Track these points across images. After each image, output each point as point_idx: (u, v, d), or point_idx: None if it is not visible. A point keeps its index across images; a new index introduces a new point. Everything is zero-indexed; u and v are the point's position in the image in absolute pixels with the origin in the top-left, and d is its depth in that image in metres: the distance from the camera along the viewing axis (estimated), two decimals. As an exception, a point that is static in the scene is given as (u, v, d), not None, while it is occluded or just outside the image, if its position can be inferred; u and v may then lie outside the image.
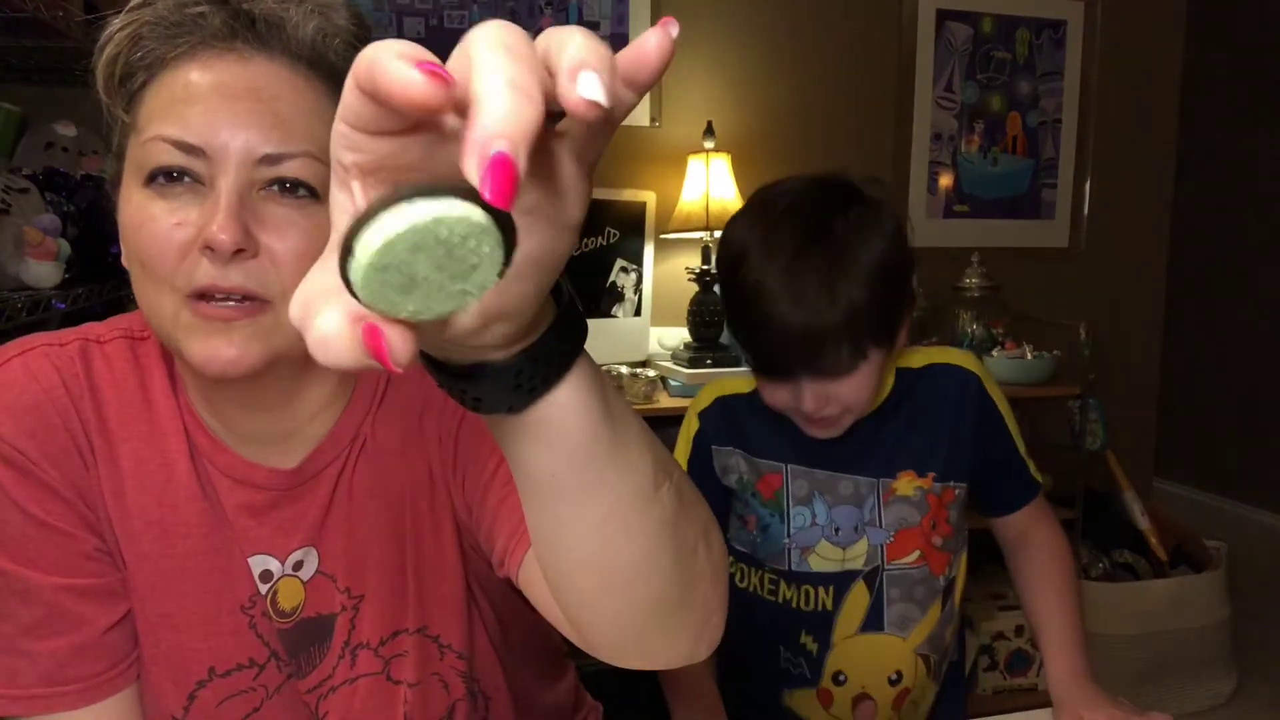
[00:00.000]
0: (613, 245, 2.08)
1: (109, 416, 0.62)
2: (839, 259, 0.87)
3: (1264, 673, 2.40)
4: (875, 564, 0.99)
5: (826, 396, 0.90)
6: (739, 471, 1.02)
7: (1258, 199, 3.43)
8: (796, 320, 0.86)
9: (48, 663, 0.61)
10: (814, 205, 0.91)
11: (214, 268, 0.54)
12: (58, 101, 1.71)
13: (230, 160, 0.54)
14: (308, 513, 0.66)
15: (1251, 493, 3.38)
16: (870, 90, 2.34)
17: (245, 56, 0.56)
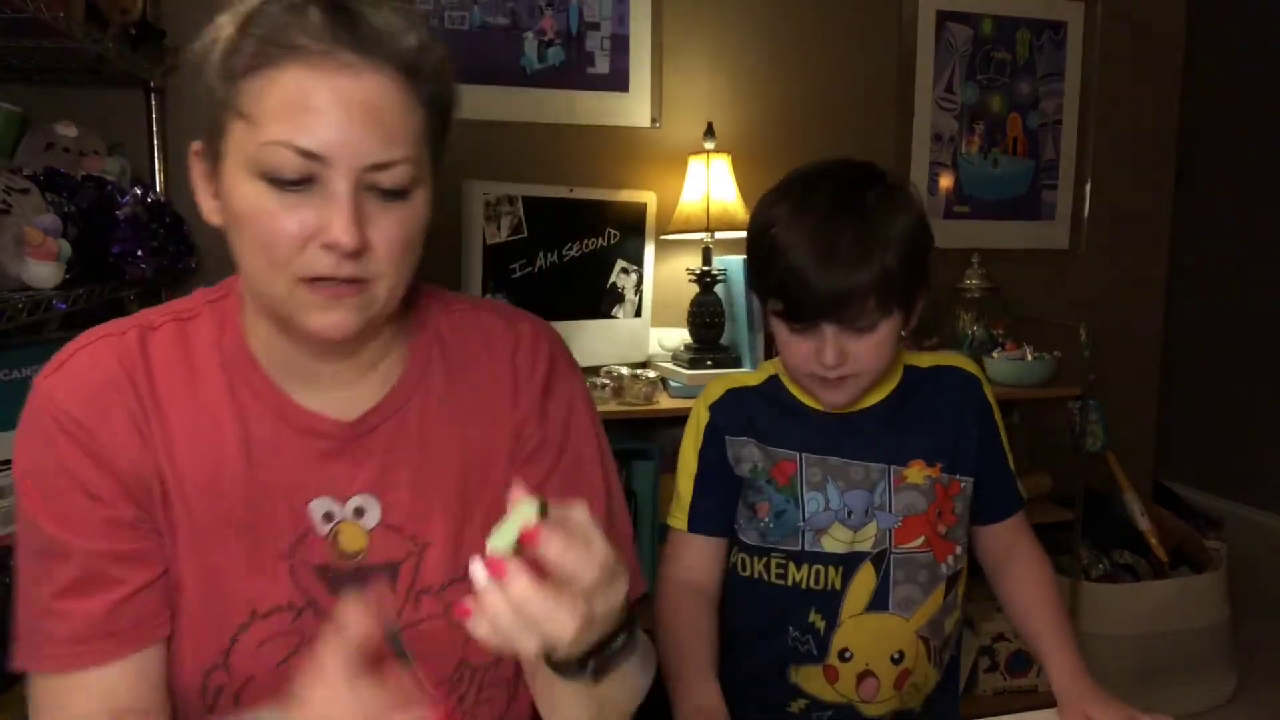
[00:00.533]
0: (613, 246, 2.08)
1: (161, 392, 0.70)
2: (870, 223, 0.94)
3: (1264, 673, 2.40)
4: (883, 547, 1.03)
5: (846, 352, 0.96)
6: (753, 460, 1.06)
7: (1258, 199, 3.43)
8: (829, 269, 0.93)
9: (81, 622, 0.66)
10: (845, 176, 1.00)
11: (330, 260, 0.63)
12: (58, 101, 1.71)
13: (345, 166, 0.62)
14: (367, 462, 0.73)
15: (1251, 493, 3.38)
16: (870, 91, 2.34)
17: (356, 70, 0.62)
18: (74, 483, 0.67)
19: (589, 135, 2.12)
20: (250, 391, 0.73)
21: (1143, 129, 2.60)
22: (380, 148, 0.63)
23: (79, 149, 1.58)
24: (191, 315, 0.74)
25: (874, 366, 0.99)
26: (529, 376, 0.80)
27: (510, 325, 0.82)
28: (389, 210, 0.65)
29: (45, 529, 0.67)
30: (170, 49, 1.77)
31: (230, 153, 0.65)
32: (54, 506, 0.67)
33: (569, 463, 0.81)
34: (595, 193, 2.06)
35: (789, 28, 2.26)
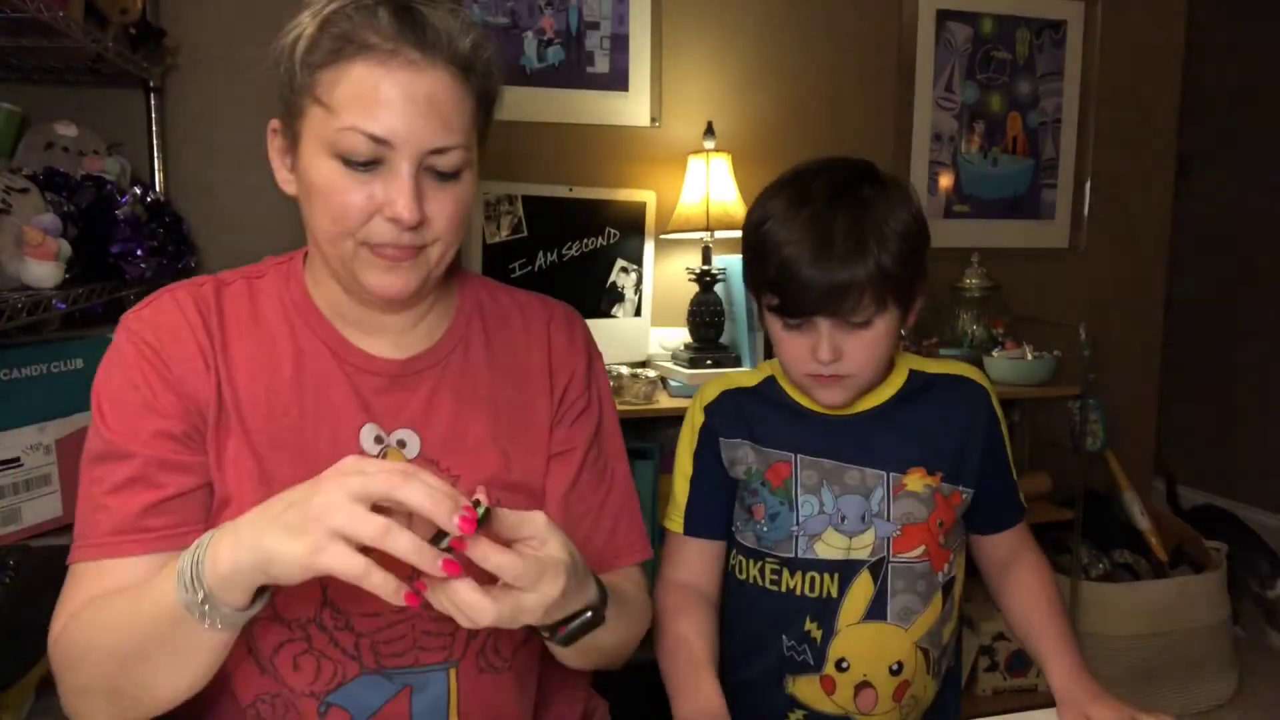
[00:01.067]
0: (613, 245, 2.08)
1: (229, 331, 0.82)
2: (866, 217, 0.94)
3: (1264, 673, 2.40)
4: (881, 555, 1.00)
5: (841, 348, 0.96)
6: (747, 462, 1.05)
7: (1258, 199, 3.43)
8: (824, 263, 0.93)
9: (122, 516, 0.75)
10: (841, 172, 1.00)
11: (392, 231, 0.75)
12: (58, 101, 1.71)
13: (409, 150, 0.73)
14: (411, 400, 0.84)
15: (1251, 493, 3.38)
16: (870, 90, 2.34)
17: (420, 66, 0.73)
18: (139, 397, 0.77)
19: (589, 135, 2.12)
20: (310, 332, 0.84)
21: (1142, 128, 2.60)
22: (438, 135, 0.74)
23: (79, 149, 1.58)
24: (260, 275, 0.88)
25: (870, 365, 0.98)
26: (567, 348, 0.92)
27: (544, 304, 0.95)
28: (443, 189, 0.77)
29: (107, 435, 0.76)
30: (170, 49, 1.77)
31: (307, 134, 0.76)
32: (118, 415, 0.77)
33: (607, 425, 0.94)
34: (595, 192, 2.06)
35: (789, 27, 2.26)
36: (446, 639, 0.82)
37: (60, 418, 1.20)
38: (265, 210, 1.91)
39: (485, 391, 0.87)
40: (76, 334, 1.32)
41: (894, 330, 0.98)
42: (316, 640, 0.80)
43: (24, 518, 1.15)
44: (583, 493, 0.90)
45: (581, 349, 0.94)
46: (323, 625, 0.79)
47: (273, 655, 0.79)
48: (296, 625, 0.79)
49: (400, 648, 0.81)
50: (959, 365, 1.11)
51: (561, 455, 0.90)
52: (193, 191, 1.86)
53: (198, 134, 1.86)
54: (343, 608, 0.79)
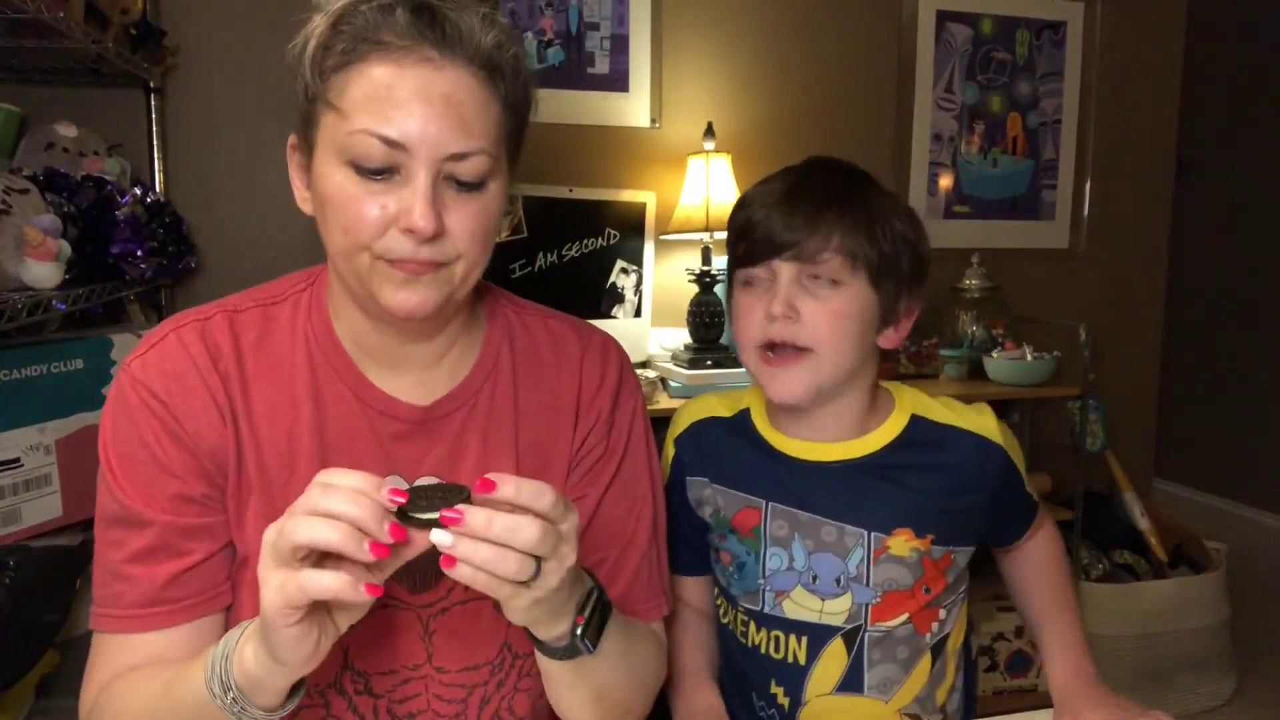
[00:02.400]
0: (613, 246, 2.08)
1: (247, 370, 0.75)
2: (854, 192, 0.90)
3: (1264, 673, 2.40)
4: (858, 623, 0.91)
5: (798, 307, 0.87)
6: (714, 505, 0.96)
7: (1258, 199, 3.43)
8: (793, 204, 0.87)
9: (147, 586, 0.71)
10: (840, 169, 0.95)
11: (409, 244, 0.68)
12: (58, 101, 1.71)
13: (425, 155, 0.66)
14: (435, 447, 0.78)
15: (1251, 493, 3.37)
16: (870, 91, 2.34)
17: (438, 64, 0.67)
18: (151, 457, 0.72)
19: (589, 135, 2.12)
20: (332, 372, 0.78)
21: (1143, 129, 2.60)
22: (458, 139, 0.67)
23: (79, 149, 1.58)
24: (277, 301, 0.80)
25: (831, 341, 0.87)
26: (596, 388, 0.85)
27: (580, 337, 0.87)
28: (465, 200, 0.70)
29: (122, 498, 0.72)
30: (170, 49, 1.77)
31: (321, 142, 0.69)
32: (131, 478, 0.72)
33: (627, 471, 0.85)
34: (595, 193, 2.06)
35: (789, 28, 2.26)
36: (459, 705, 0.80)
37: (60, 418, 1.20)
38: (265, 210, 1.91)
39: (510, 434, 0.81)
40: (76, 334, 1.32)
41: (864, 313, 0.88)
42: (335, 706, 0.77)
43: (24, 518, 1.15)
44: (598, 540, 0.84)
45: (611, 388, 0.85)
46: (343, 690, 0.77)
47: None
48: (316, 691, 0.77)
49: (414, 707, 0.79)
50: (975, 417, 0.95)
51: (576, 501, 0.83)
52: (193, 191, 1.86)
53: (198, 134, 1.86)
54: (362, 669, 0.77)
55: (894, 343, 0.93)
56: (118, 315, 1.62)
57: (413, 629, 0.77)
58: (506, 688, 0.81)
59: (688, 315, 2.01)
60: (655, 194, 2.12)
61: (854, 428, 0.94)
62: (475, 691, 0.80)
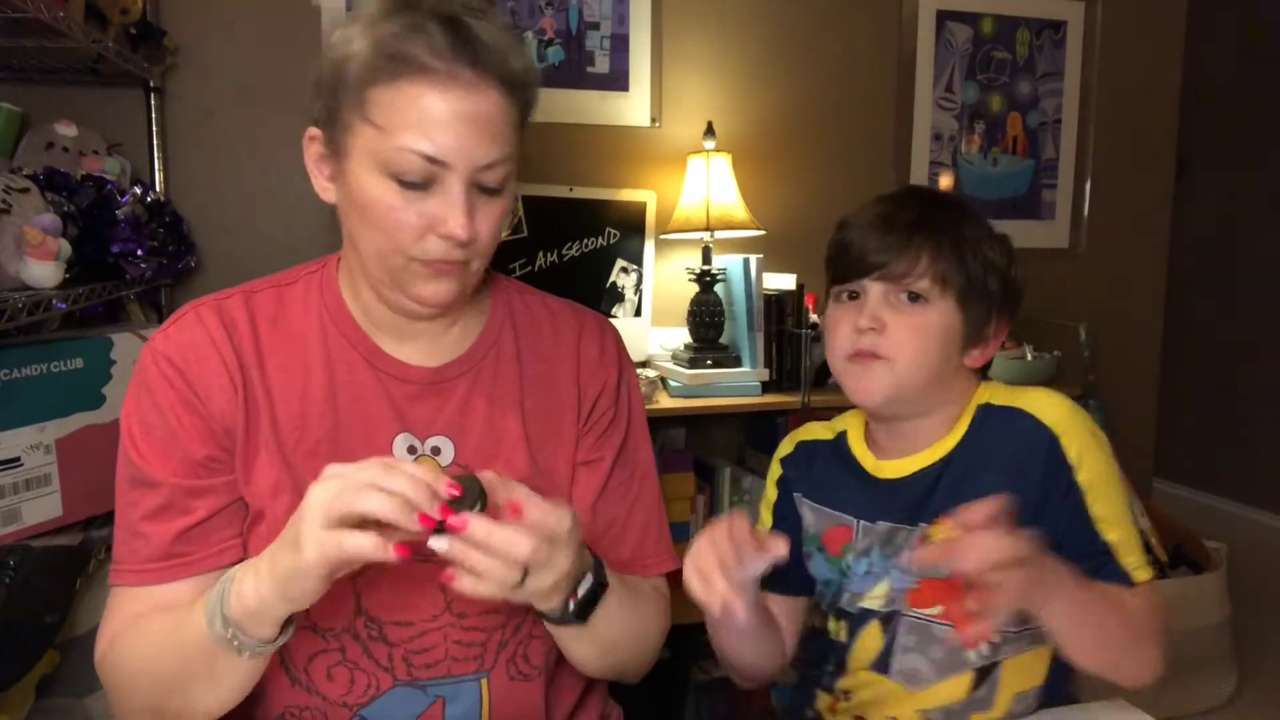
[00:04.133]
0: (613, 245, 2.08)
1: (261, 343, 0.82)
2: (947, 216, 0.94)
3: (1264, 673, 2.40)
4: (894, 608, 0.94)
5: (883, 320, 0.91)
6: (806, 519, 1.03)
7: (1258, 199, 3.43)
8: (886, 225, 0.92)
9: (158, 543, 0.77)
10: (924, 193, 1.01)
11: (444, 247, 0.76)
12: (58, 101, 1.71)
13: (461, 168, 0.74)
14: (445, 407, 0.85)
15: (1251, 493, 3.37)
16: (870, 90, 2.34)
17: (473, 85, 0.73)
18: (165, 424, 0.78)
19: (589, 135, 2.12)
20: (345, 341, 0.84)
21: (1143, 129, 2.60)
22: (489, 151, 0.75)
23: (79, 148, 1.58)
24: (290, 282, 0.87)
25: (913, 353, 0.90)
26: (598, 359, 0.93)
27: (576, 314, 0.96)
28: (490, 203, 0.78)
29: (138, 461, 0.78)
30: (170, 49, 1.77)
31: (356, 151, 0.76)
32: (148, 443, 0.78)
33: (633, 436, 0.95)
34: (595, 192, 2.06)
35: (789, 27, 2.26)
36: (478, 649, 0.83)
37: (60, 418, 1.20)
38: (265, 209, 1.91)
39: (515, 398, 0.88)
40: (76, 334, 1.32)
41: (947, 330, 0.92)
42: (350, 651, 0.81)
43: (24, 518, 1.15)
44: (610, 501, 0.91)
45: (613, 360, 0.95)
46: (356, 635, 0.81)
47: (306, 665, 0.80)
48: (331, 635, 0.80)
49: (432, 658, 0.82)
50: (1035, 397, 0.95)
51: (589, 464, 0.91)
52: (193, 191, 1.86)
53: (198, 134, 1.86)
54: (375, 616, 0.81)
55: (979, 362, 0.97)
56: (118, 315, 1.62)
57: (429, 579, 0.80)
58: (523, 633, 0.86)
59: (688, 315, 2.01)
60: (655, 193, 2.11)
61: (938, 433, 0.97)
62: (494, 636, 0.84)
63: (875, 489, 0.98)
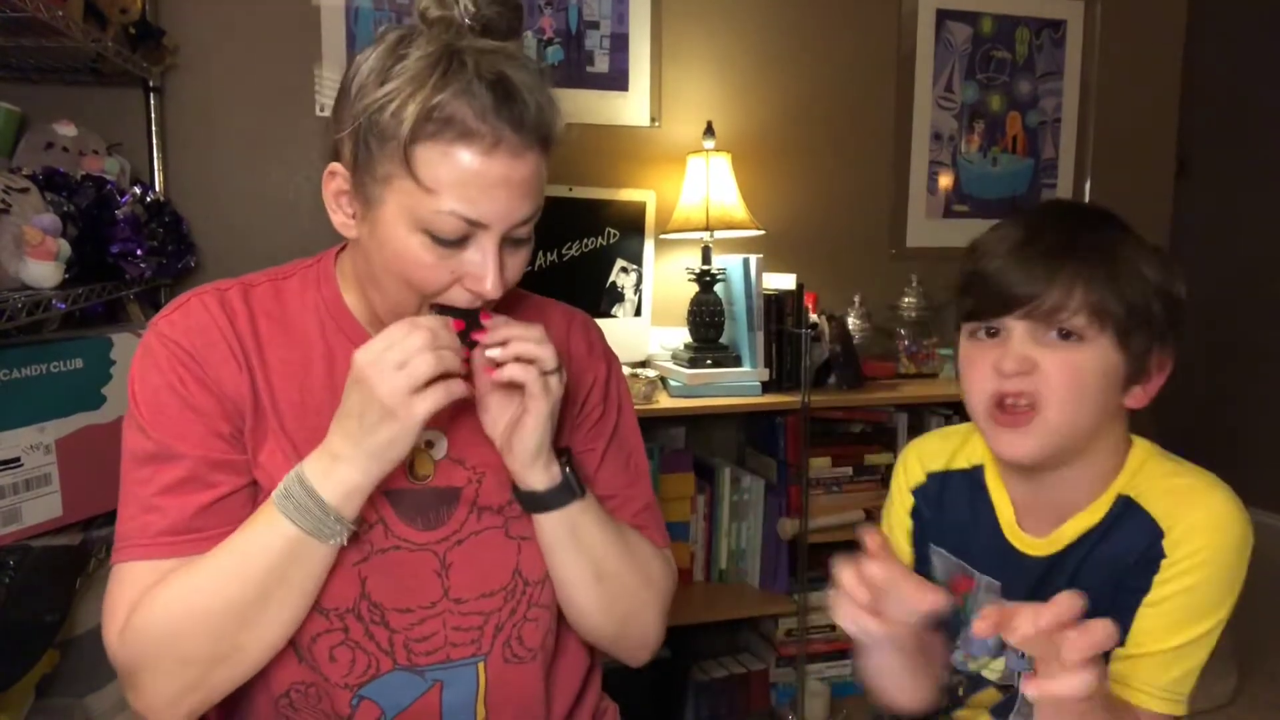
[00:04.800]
0: (612, 245, 2.08)
1: (260, 332, 0.83)
2: (1098, 238, 0.82)
3: (1264, 673, 2.40)
4: (1011, 682, 0.91)
5: (1031, 360, 0.79)
6: (935, 567, 0.97)
7: (1258, 199, 3.43)
8: (1026, 256, 0.80)
9: (178, 516, 0.77)
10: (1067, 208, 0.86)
11: (469, 298, 0.78)
12: (57, 101, 1.71)
13: (497, 229, 0.76)
14: None
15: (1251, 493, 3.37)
16: (870, 90, 2.34)
17: (516, 152, 0.74)
18: (181, 400, 0.79)
19: (588, 134, 2.12)
20: (343, 335, 0.86)
21: (1142, 128, 2.60)
22: (524, 210, 0.77)
23: (78, 148, 1.58)
24: (287, 276, 0.88)
25: (1067, 399, 0.79)
26: (587, 353, 0.95)
27: (563, 312, 0.98)
28: (517, 253, 0.80)
29: (156, 436, 0.78)
30: (170, 48, 1.77)
31: (392, 201, 0.75)
32: (164, 420, 0.79)
33: (624, 430, 0.97)
34: (595, 192, 2.06)
35: (789, 27, 2.26)
36: (475, 633, 0.86)
37: (60, 418, 1.20)
38: (265, 209, 1.91)
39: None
40: (76, 334, 1.32)
41: (1107, 372, 0.80)
42: (354, 631, 0.83)
43: (24, 517, 1.15)
44: (608, 475, 0.94)
45: (600, 355, 0.97)
46: (360, 616, 0.83)
47: (310, 644, 0.82)
48: (335, 615, 0.82)
49: (431, 645, 0.84)
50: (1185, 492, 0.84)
51: (582, 454, 0.93)
52: (193, 191, 1.86)
53: (198, 134, 1.86)
54: (378, 601, 0.83)
55: (1142, 402, 0.85)
56: (117, 315, 1.62)
57: (428, 567, 0.84)
58: (518, 615, 0.88)
59: (688, 314, 2.01)
60: (655, 193, 2.12)
61: (1075, 509, 0.87)
62: (490, 619, 0.86)
63: (1012, 559, 0.89)
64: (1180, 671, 0.81)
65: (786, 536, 2.01)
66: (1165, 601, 0.81)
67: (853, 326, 2.13)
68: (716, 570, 2.07)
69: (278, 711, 0.85)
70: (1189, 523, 0.82)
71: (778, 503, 2.04)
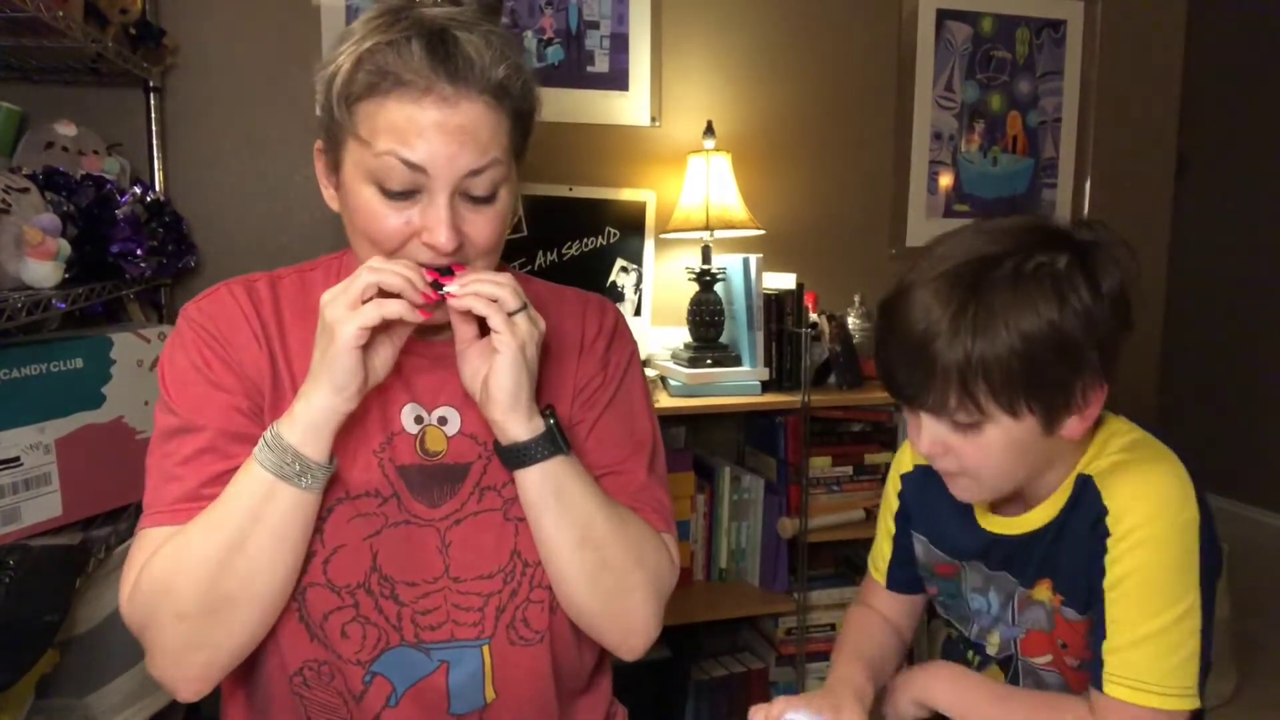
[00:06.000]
0: (613, 245, 2.08)
1: (284, 317, 0.87)
2: (977, 300, 0.76)
3: (1264, 673, 2.40)
4: (1009, 653, 0.96)
5: (945, 444, 0.82)
6: (919, 554, 1.05)
7: (1258, 199, 3.43)
8: (902, 344, 0.80)
9: (193, 483, 0.80)
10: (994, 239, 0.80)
11: (429, 254, 0.78)
12: (57, 101, 1.71)
13: (445, 177, 0.76)
14: (452, 378, 0.86)
15: (1251, 493, 3.37)
16: (870, 89, 2.34)
17: (453, 101, 0.75)
18: (204, 378, 0.83)
19: (588, 134, 2.12)
20: None
21: (1142, 128, 2.60)
22: (473, 159, 0.76)
23: (78, 148, 1.58)
24: (313, 268, 0.92)
25: (991, 472, 0.82)
26: (595, 336, 0.96)
27: (581, 296, 1.00)
28: (481, 211, 0.80)
29: (181, 412, 0.82)
30: (170, 48, 1.77)
31: (348, 162, 0.79)
32: (186, 394, 0.82)
33: (622, 403, 0.95)
34: (595, 191, 2.06)
35: (789, 26, 2.26)
36: (477, 614, 0.87)
37: (60, 417, 1.20)
38: (265, 209, 1.91)
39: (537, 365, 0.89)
40: (76, 334, 1.32)
41: (1020, 439, 0.80)
42: (364, 606, 0.84)
43: (24, 517, 1.15)
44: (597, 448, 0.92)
45: (607, 334, 0.97)
46: (370, 590, 0.84)
47: (322, 622, 0.84)
48: (346, 591, 0.84)
49: (435, 619, 0.86)
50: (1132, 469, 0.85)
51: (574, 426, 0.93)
52: (193, 191, 1.86)
53: (198, 133, 1.86)
54: (389, 574, 0.85)
55: (1079, 431, 0.82)
56: (118, 314, 1.62)
57: (431, 542, 0.86)
58: (520, 597, 0.88)
59: (688, 314, 2.01)
60: (655, 193, 2.12)
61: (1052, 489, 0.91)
62: (491, 601, 0.87)
63: (983, 540, 0.95)
64: (1171, 664, 0.80)
65: (786, 536, 2.01)
66: (1121, 585, 0.81)
67: (853, 326, 2.13)
68: (717, 570, 2.07)
69: (292, 690, 0.86)
70: (1127, 500, 0.82)
71: (778, 502, 2.04)
